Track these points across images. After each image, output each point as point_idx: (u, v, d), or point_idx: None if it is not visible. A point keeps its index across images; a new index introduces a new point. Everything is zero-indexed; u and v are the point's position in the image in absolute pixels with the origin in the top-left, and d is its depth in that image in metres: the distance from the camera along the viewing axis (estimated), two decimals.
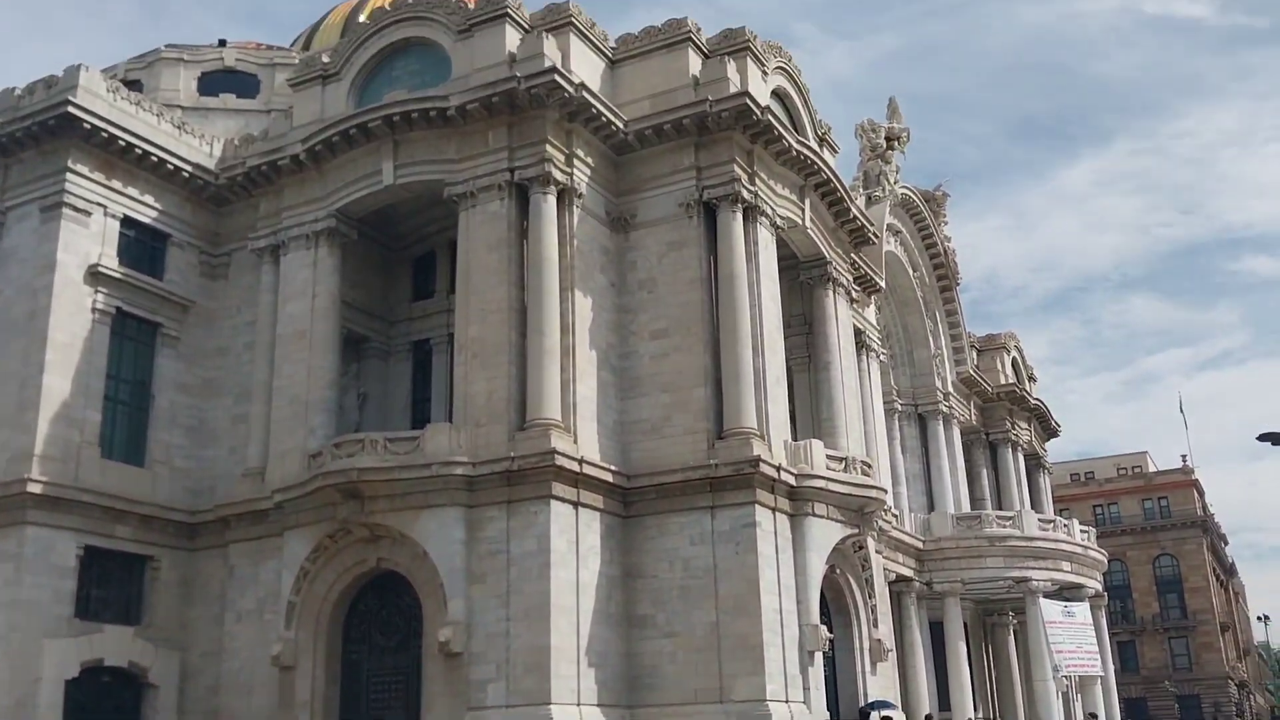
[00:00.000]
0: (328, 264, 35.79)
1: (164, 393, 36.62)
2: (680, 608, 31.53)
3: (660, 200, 35.07)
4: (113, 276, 35.26)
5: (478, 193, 33.49)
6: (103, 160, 35.55)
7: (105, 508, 33.63)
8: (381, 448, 31.40)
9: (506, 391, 31.78)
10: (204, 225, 38.50)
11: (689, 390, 33.25)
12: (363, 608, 33.01)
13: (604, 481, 32.05)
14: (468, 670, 29.71)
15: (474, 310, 32.92)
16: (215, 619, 34.77)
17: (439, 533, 30.68)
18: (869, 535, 36.62)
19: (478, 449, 31.19)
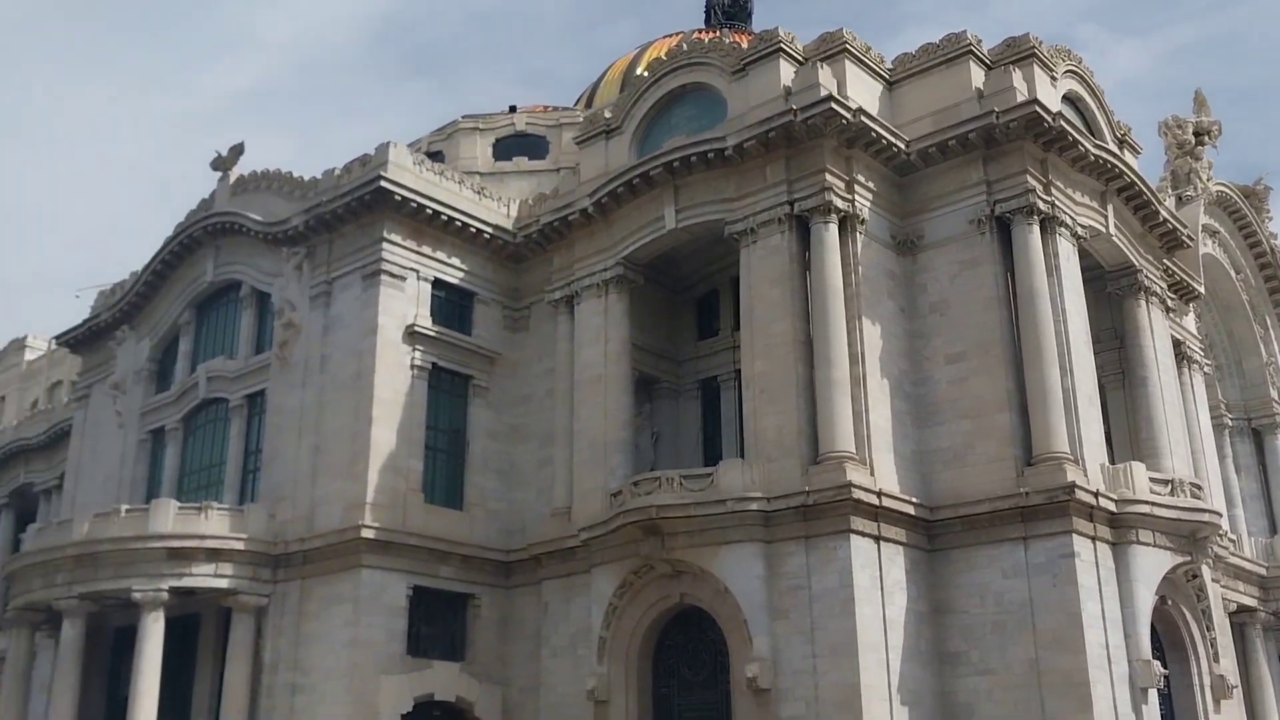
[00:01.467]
0: (617, 310, 36.94)
1: (477, 440, 38.83)
2: (994, 644, 30.07)
3: (948, 219, 33.97)
4: (428, 335, 37.84)
5: (757, 228, 33.63)
6: (413, 228, 38.33)
7: (430, 549, 35.89)
8: (678, 485, 31.87)
9: (797, 425, 31.54)
10: (505, 282, 40.71)
11: (991, 415, 31.83)
12: (670, 642, 33.49)
13: (905, 514, 31.14)
14: (777, 707, 29.47)
15: (759, 345, 32.97)
16: (532, 654, 36.25)
17: (738, 569, 30.73)
18: (1203, 563, 33.64)
19: (771, 484, 31.08)
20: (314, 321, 38.74)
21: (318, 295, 38.89)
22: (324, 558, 35.34)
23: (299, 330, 39.02)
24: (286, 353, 39.15)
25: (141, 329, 45.73)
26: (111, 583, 35.57)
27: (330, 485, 36.26)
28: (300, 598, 35.58)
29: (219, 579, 35.52)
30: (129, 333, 45.95)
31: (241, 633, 35.66)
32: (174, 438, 43.22)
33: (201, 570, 35.39)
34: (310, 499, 36.59)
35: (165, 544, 35.24)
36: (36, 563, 37.37)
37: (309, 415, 37.67)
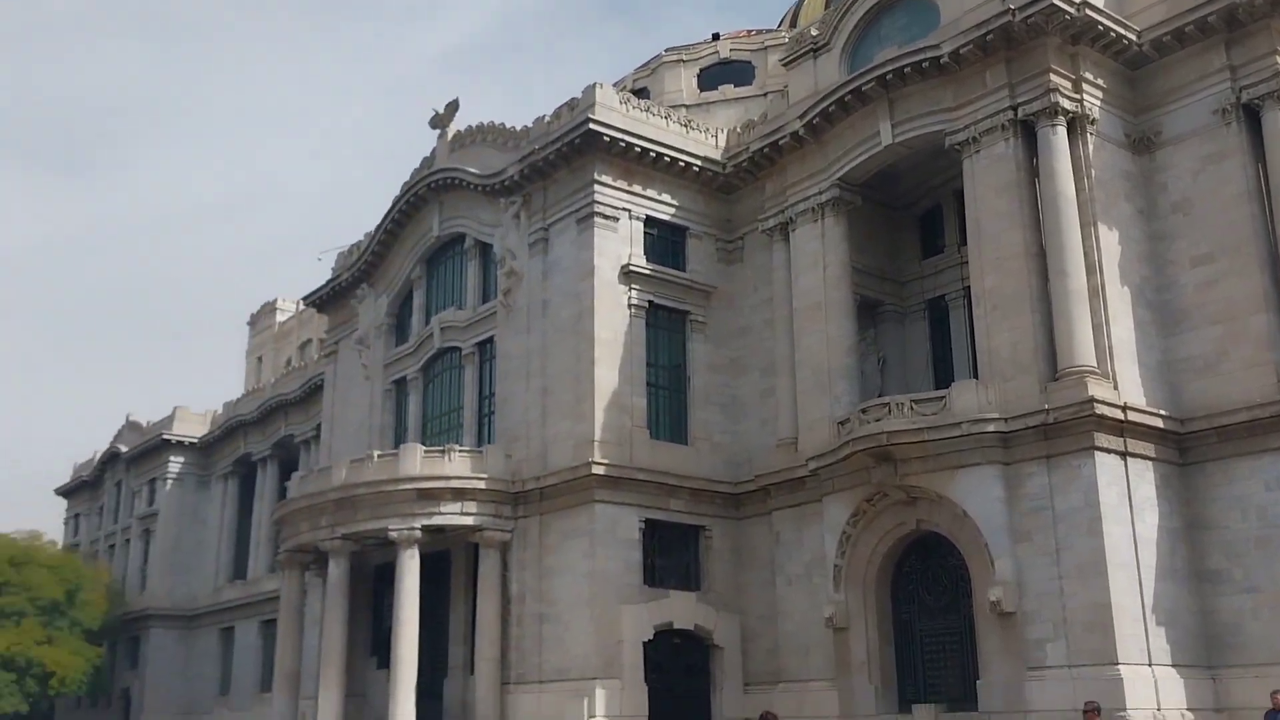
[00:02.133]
0: (835, 233, 36.27)
1: (697, 374, 39.15)
2: (1260, 560, 28.31)
3: (1189, 111, 31.59)
4: (643, 273, 38.27)
5: (980, 137, 32.21)
6: (623, 168, 38.68)
7: (659, 484, 36.60)
8: (908, 410, 31.24)
9: (1033, 341, 30.29)
10: (716, 214, 40.61)
11: (1245, 319, 29.68)
12: (908, 569, 33.07)
13: (1153, 428, 29.54)
14: (1022, 630, 28.73)
15: (989, 260, 31.73)
16: (766, 583, 36.57)
17: (976, 492, 29.94)
18: None
19: (1007, 404, 30.04)
20: (533, 268, 39.82)
21: (536, 242, 39.90)
22: (558, 494, 36.60)
23: (520, 277, 40.20)
24: (510, 300, 40.46)
25: (378, 286, 48.18)
26: (369, 523, 37.99)
27: (559, 425, 37.41)
28: (540, 532, 37.04)
29: (465, 516, 37.37)
30: (367, 290, 48.52)
31: (489, 566, 37.47)
32: (415, 386, 45.54)
33: (449, 509, 37.30)
34: (542, 439, 37.88)
35: (415, 485, 37.32)
36: (302, 508, 40.31)
37: (535, 359, 38.89)
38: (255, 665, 61.94)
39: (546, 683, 35.31)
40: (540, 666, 35.76)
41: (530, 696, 35.61)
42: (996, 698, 28.98)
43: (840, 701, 32.69)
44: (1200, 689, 28.09)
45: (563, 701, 34.03)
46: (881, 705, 31.98)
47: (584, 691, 33.70)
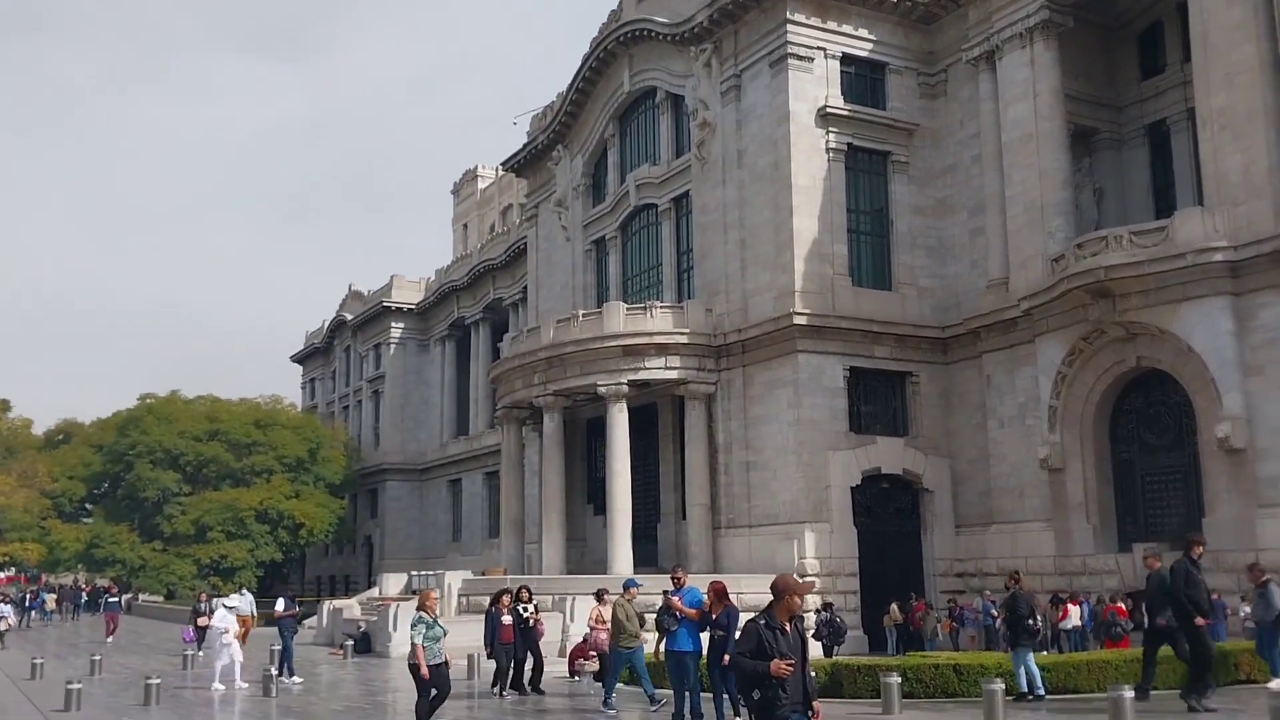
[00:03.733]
0: (1045, 59, 34.16)
1: (901, 218, 38.12)
2: None
3: None
4: (840, 115, 37.18)
5: None
6: (816, 3, 37.28)
7: (862, 331, 36.23)
8: (1127, 242, 29.67)
9: (1267, 162, 28.05)
10: (917, 47, 38.81)
11: None
12: (1127, 407, 31.92)
13: None
14: (1254, 467, 27.46)
15: (1216, 76, 29.30)
16: (977, 427, 36.04)
17: (1202, 325, 28.40)
18: None
19: (1238, 231, 28.10)
20: (726, 117, 39.26)
21: (728, 90, 39.22)
22: (760, 346, 36.77)
23: (713, 128, 39.76)
24: (704, 152, 40.15)
25: (573, 147, 48.65)
26: (578, 379, 39.30)
27: (759, 277, 37.33)
28: (744, 383, 37.45)
29: (669, 371, 38.13)
30: (563, 152, 49.08)
31: (695, 418, 38.29)
32: (614, 245, 46.21)
33: (653, 364, 38.12)
34: (741, 291, 37.95)
35: (619, 342, 38.23)
36: (515, 367, 42.02)
37: (731, 211, 38.68)
38: (482, 513, 65.92)
39: (756, 527, 36.21)
40: (749, 512, 36.63)
41: (741, 540, 36.64)
42: (1226, 535, 27.92)
43: (1057, 541, 32.28)
44: None
45: (774, 544, 34.88)
46: (1100, 544, 31.41)
47: (794, 535, 34.42)
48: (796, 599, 8.08)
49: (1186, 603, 14.73)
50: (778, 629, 7.93)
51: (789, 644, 7.90)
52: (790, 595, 8.03)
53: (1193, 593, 14.77)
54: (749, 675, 7.81)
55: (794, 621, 8.11)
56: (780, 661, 7.69)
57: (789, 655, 7.80)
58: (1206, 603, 15.16)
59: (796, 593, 8.06)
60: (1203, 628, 14.61)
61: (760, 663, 7.73)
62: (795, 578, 8.27)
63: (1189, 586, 14.80)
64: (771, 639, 7.83)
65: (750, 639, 7.90)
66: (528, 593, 22.28)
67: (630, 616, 18.16)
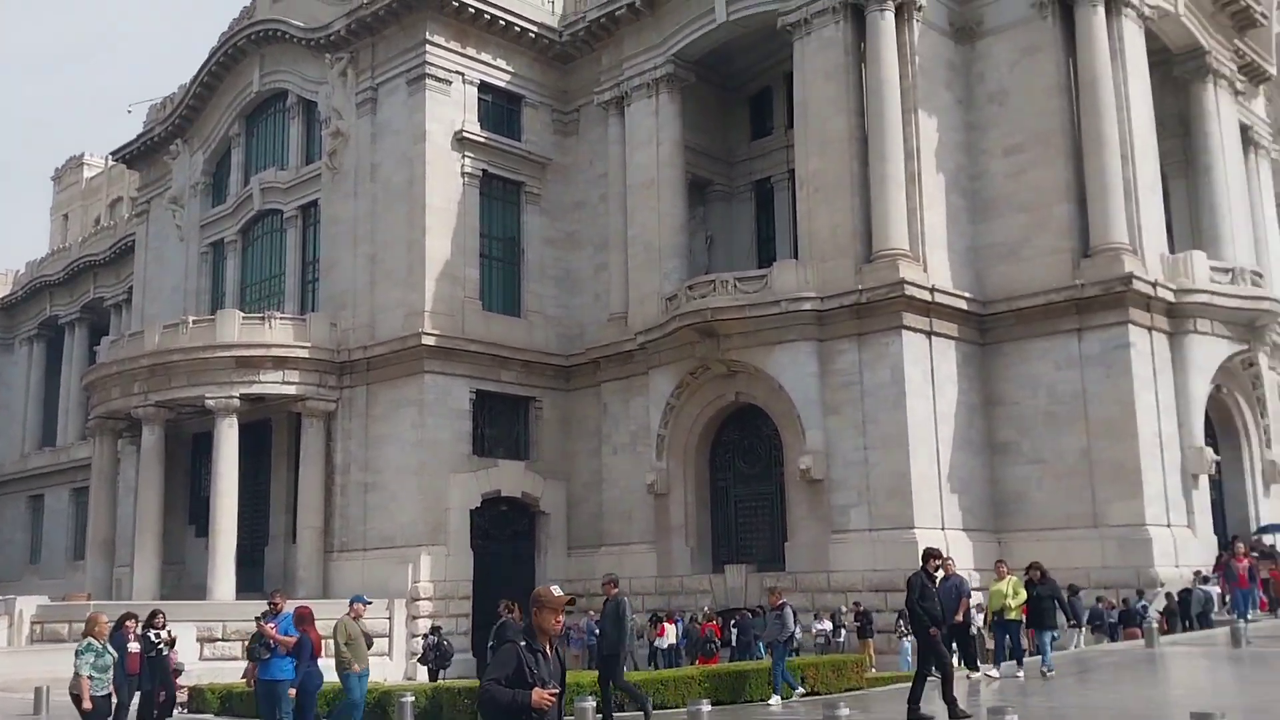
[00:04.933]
0: (669, 110, 36.37)
1: (532, 247, 39.07)
2: (1046, 434, 30.60)
3: (1009, 3, 32.69)
4: (477, 141, 37.60)
5: (811, 19, 32.61)
6: (456, 28, 37.57)
7: (491, 355, 36.73)
8: (732, 287, 32.16)
9: (851, 224, 31.40)
10: (553, 84, 40.03)
11: (1049, 208, 31.42)
12: (726, 438, 34.49)
13: (957, 309, 31.25)
14: (829, 496, 30.51)
15: (813, 143, 32.48)
16: (593, 453, 37.51)
17: (792, 366, 31.25)
18: (1261, 351, 33.59)
19: (825, 283, 31.22)
20: (361, 129, 38.64)
21: (364, 102, 38.62)
22: (387, 364, 36.35)
23: (347, 138, 38.98)
24: (336, 162, 39.25)
25: (194, 142, 45.91)
26: (185, 390, 36.98)
27: (389, 294, 36.94)
28: (367, 402, 36.82)
29: (287, 386, 36.75)
30: (182, 146, 46.18)
31: (313, 436, 37.15)
32: (233, 249, 43.99)
33: (269, 377, 36.59)
34: (370, 307, 37.37)
35: (233, 353, 36.39)
36: (113, 374, 38.88)
37: (363, 224, 38.05)
38: (67, 533, 60.13)
39: (371, 550, 35.61)
40: (365, 535, 35.99)
41: (355, 563, 35.90)
42: (803, 558, 30.85)
43: (659, 562, 34.22)
44: (986, 550, 30.42)
45: (388, 567, 34.45)
46: (696, 565, 33.67)
47: (410, 558, 34.17)
48: (552, 618, 7.05)
49: (922, 614, 14.83)
50: (539, 652, 6.95)
51: (549, 670, 6.97)
52: (544, 612, 7.03)
53: (927, 604, 14.89)
54: (505, 707, 6.80)
55: (554, 644, 7.17)
56: (542, 691, 6.77)
57: (550, 683, 6.89)
58: (940, 613, 15.28)
59: (550, 608, 7.03)
60: (936, 638, 14.84)
61: (520, 691, 6.76)
62: (551, 591, 7.14)
63: (923, 599, 14.90)
64: (533, 663, 6.89)
65: (507, 663, 6.91)
66: (162, 618, 19.97)
67: (356, 636, 16.63)
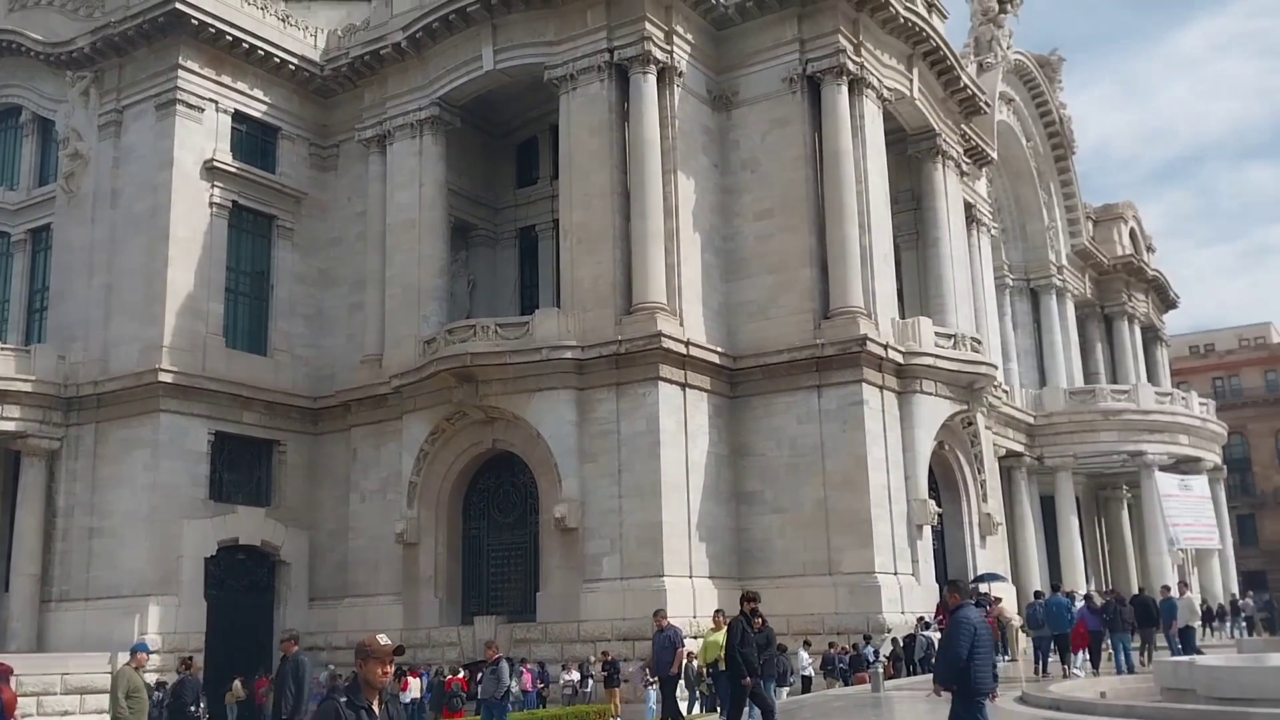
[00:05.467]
0: (433, 152, 36.18)
1: (282, 283, 37.79)
2: (788, 485, 31.97)
3: (762, 76, 34.43)
4: (228, 171, 36.18)
5: (577, 75, 33.31)
6: (212, 55, 36.19)
7: (232, 395, 35.15)
8: (493, 333, 32.13)
9: (612, 276, 32.06)
10: (312, 117, 39.10)
11: (795, 270, 33.10)
12: (481, 486, 34.23)
13: (710, 363, 32.35)
14: (583, 545, 30.74)
15: (577, 195, 33.05)
16: (341, 499, 36.37)
17: (551, 414, 31.46)
18: (978, 411, 36.39)
19: (586, 333, 31.68)
20: (103, 153, 36.45)
21: (107, 124, 36.50)
22: (120, 401, 34.17)
23: (86, 161, 36.70)
24: (73, 185, 36.84)
25: None
26: None
27: (125, 327, 34.82)
28: (96, 441, 34.45)
29: (4, 421, 33.92)
30: None
31: (33, 476, 34.39)
32: None
33: None
34: (103, 340, 35.11)
35: None
36: None
37: (100, 253, 35.80)
38: None
39: (95, 600, 33.14)
40: (88, 583, 33.47)
41: (75, 615, 33.29)
42: (554, 608, 30.89)
43: (405, 615, 33.42)
44: (731, 597, 31.30)
45: (111, 619, 32.12)
46: (445, 617, 33.10)
47: (138, 608, 32.02)
48: (379, 669, 6.30)
49: (740, 661, 14.71)
50: (363, 709, 6.20)
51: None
52: (370, 663, 6.30)
53: (746, 650, 14.79)
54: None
55: (385, 699, 6.39)
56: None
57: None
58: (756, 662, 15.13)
59: (376, 658, 6.30)
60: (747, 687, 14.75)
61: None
62: (377, 640, 6.39)
63: (743, 644, 14.78)
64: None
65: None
66: None
67: (139, 689, 15.44)
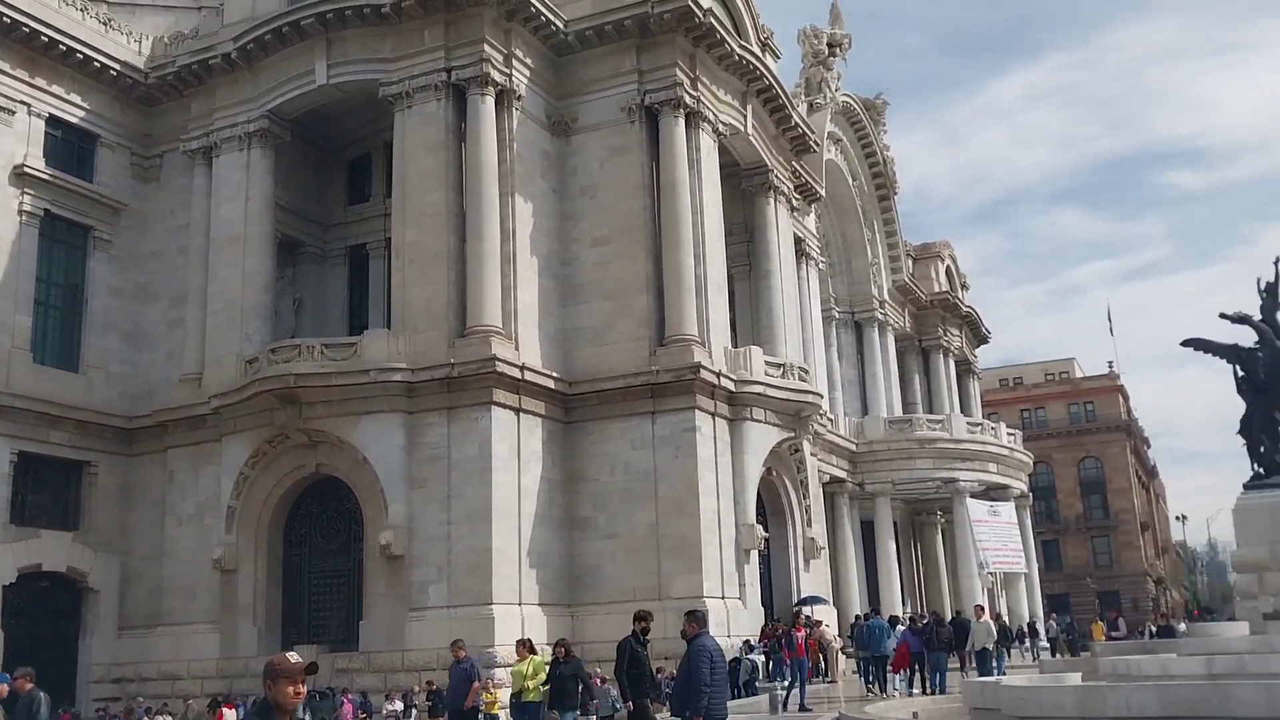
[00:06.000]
0: (261, 166, 35.16)
1: (97, 297, 36.00)
2: (621, 510, 32.14)
3: (601, 104, 34.78)
4: (40, 178, 34.33)
5: (414, 93, 32.94)
6: (25, 56, 34.33)
7: (39, 413, 33.24)
8: (319, 353, 31.33)
9: (446, 297, 31.72)
10: (134, 126, 37.48)
11: (631, 297, 33.43)
12: (303, 511, 33.23)
13: (545, 388, 32.30)
14: (409, 572, 30.16)
15: (411, 215, 32.63)
16: (155, 524, 34.73)
17: (379, 438, 30.83)
18: (805, 439, 37.43)
19: (417, 355, 31.21)
20: None
21: None
22: None
23: None
24: None
25: None
26: None
27: None
28: None
29: None
30: None
31: None
32: None
33: None
34: None
35: None
36: None
37: None
38: None
39: None
40: None
41: None
42: (378, 637, 30.18)
43: (222, 643, 32.12)
44: (560, 624, 31.33)
45: None
46: (264, 646, 31.84)
47: None
48: (290, 689, 5.79)
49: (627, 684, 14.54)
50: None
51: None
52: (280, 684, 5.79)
53: (636, 672, 14.61)
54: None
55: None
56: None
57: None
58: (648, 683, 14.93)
59: (286, 678, 5.80)
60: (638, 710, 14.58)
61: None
62: (288, 658, 5.87)
63: (633, 665, 14.60)
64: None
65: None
66: None
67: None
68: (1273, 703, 12.33)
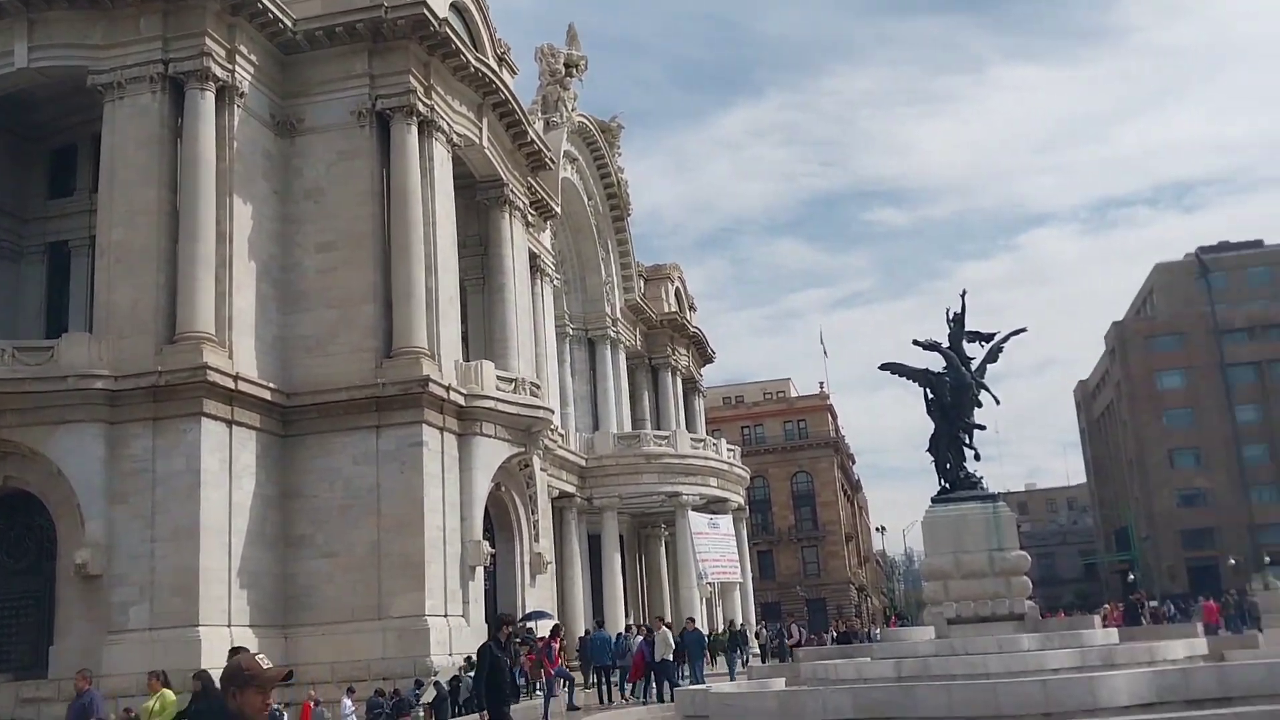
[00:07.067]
0: None
1: None
2: (340, 528, 31.16)
3: (331, 106, 33.76)
4: None
5: (126, 84, 30.89)
6: None
7: None
8: (9, 357, 28.83)
9: (154, 301, 29.85)
10: None
11: (357, 307, 32.55)
12: None
13: (261, 399, 30.93)
14: (108, 593, 28.12)
15: (119, 212, 30.54)
16: None
17: (76, 450, 28.61)
18: (535, 454, 37.55)
19: (121, 362, 29.20)
20: None
21: None
22: None
23: None
24: None
25: None
26: None
27: None
28: None
29: None
30: None
31: None
32: None
33: None
34: None
35: None
36: None
37: None
38: None
39: None
40: None
41: None
42: (72, 663, 27.75)
43: None
44: (274, 646, 29.92)
45: None
46: None
47: None
48: (260, 699, 4.98)
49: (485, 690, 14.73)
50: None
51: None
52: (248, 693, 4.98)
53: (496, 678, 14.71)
54: None
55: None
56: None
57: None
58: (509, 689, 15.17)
59: (257, 687, 5.00)
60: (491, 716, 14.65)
61: None
62: (258, 663, 5.06)
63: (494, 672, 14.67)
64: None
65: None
66: None
67: None
68: (952, 702, 13.38)
